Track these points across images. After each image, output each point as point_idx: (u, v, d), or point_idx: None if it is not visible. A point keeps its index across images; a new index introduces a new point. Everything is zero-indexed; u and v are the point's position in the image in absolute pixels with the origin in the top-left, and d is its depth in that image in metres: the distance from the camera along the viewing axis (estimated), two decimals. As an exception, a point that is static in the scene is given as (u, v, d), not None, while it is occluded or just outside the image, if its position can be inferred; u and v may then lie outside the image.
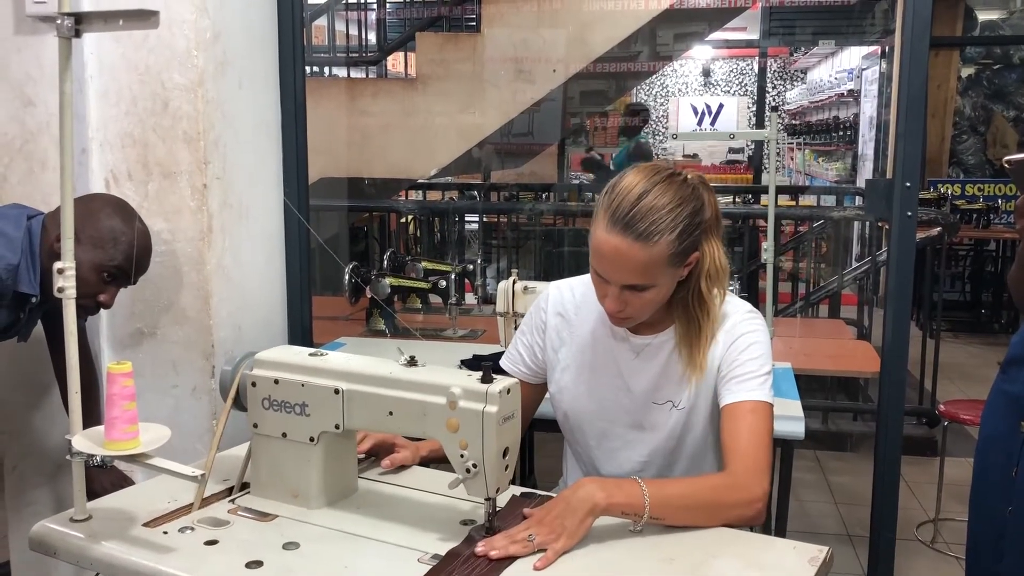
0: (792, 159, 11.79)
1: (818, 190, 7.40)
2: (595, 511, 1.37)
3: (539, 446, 3.46)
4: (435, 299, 3.47)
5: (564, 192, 6.71)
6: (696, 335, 1.61)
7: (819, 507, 3.76)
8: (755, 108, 9.19)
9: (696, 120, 12.81)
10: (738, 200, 7.20)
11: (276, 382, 1.50)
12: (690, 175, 1.57)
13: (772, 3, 6.39)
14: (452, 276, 3.35)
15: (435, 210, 6.13)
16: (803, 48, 10.49)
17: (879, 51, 7.60)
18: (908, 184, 2.19)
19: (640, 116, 7.11)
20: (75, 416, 1.46)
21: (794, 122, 11.71)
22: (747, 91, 12.62)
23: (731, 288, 1.69)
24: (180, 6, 2.06)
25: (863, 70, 8.55)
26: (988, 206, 6.89)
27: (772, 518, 2.26)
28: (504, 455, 1.37)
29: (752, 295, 4.61)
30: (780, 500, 2.34)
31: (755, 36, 8.19)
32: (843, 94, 9.17)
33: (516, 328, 2.14)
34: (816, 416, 4.39)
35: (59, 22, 1.38)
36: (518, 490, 1.56)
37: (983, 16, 8.24)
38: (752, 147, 9.93)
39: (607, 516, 1.39)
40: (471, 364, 2.61)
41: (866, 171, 8.23)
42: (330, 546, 1.39)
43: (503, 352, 1.86)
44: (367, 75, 6.17)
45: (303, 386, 1.48)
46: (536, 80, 4.92)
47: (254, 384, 1.52)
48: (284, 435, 1.50)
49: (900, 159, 2.20)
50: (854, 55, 8.84)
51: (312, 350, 1.57)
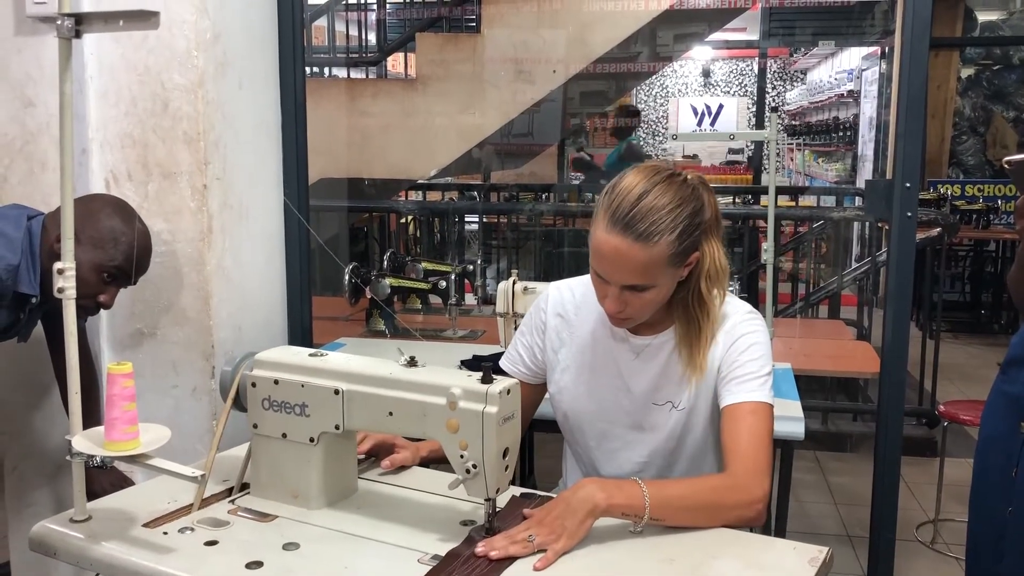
0: (792, 160, 11.79)
1: (818, 191, 7.39)
2: (595, 512, 1.37)
3: (539, 446, 3.46)
4: (435, 300, 3.47)
5: (564, 192, 6.71)
6: (696, 336, 1.61)
7: (819, 508, 3.76)
8: (755, 109, 9.18)
9: (696, 121, 12.81)
10: (738, 201, 7.19)
11: (276, 383, 1.50)
12: (690, 175, 1.57)
13: (772, 4, 6.39)
14: (452, 277, 3.35)
15: (435, 210, 6.13)
16: (803, 49, 10.48)
17: (879, 52, 7.60)
18: (908, 185, 2.19)
19: (632, 118, 7.11)
20: (75, 417, 1.46)
21: (794, 123, 11.71)
22: (747, 92, 12.62)
23: (731, 289, 1.69)
24: (180, 7, 2.06)
25: (863, 71, 8.55)
26: (988, 207, 6.90)
27: (772, 519, 2.26)
28: (504, 456, 1.37)
29: (752, 295, 4.61)
30: (780, 501, 2.34)
31: (755, 37, 8.18)
32: (843, 95, 9.17)
33: (516, 329, 2.13)
34: (816, 417, 4.39)
35: (59, 23, 1.38)
36: (518, 491, 1.56)
37: (983, 17, 8.24)
38: (752, 148, 9.93)
39: (607, 517, 1.39)
40: (471, 364, 2.62)
41: (866, 172, 8.23)
42: (330, 547, 1.39)
43: (503, 353, 1.86)
44: (367, 76, 6.17)
45: (303, 387, 1.48)
46: (536, 81, 4.92)
47: (254, 384, 1.52)
48: (284, 435, 1.51)
49: (900, 160, 2.20)
50: (854, 56, 8.84)
51: (312, 350, 1.57)
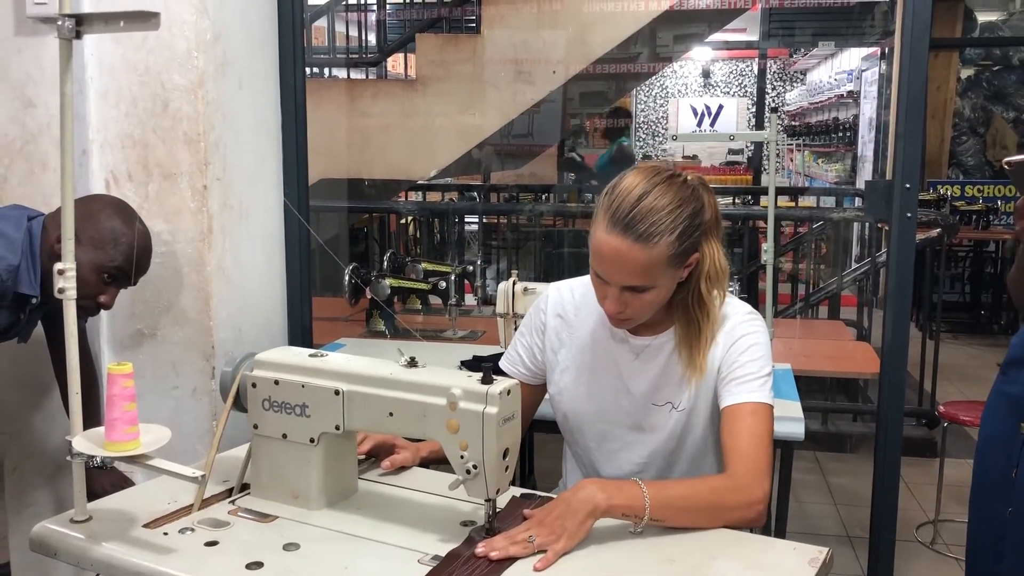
0: (792, 160, 11.80)
1: (818, 191, 7.39)
2: (595, 513, 1.37)
3: (539, 447, 3.46)
4: (435, 300, 3.47)
5: (564, 193, 6.71)
6: (696, 336, 1.61)
7: (819, 508, 3.76)
8: (755, 109, 9.19)
9: (696, 121, 12.81)
10: (738, 201, 7.20)
11: (276, 383, 1.50)
12: (690, 176, 1.57)
13: (772, 4, 6.38)
14: (452, 277, 3.35)
15: (435, 211, 6.13)
16: (803, 49, 10.48)
17: (879, 52, 7.60)
18: (908, 185, 2.19)
19: (623, 119, 7.12)
20: (75, 417, 1.46)
21: (794, 123, 11.72)
22: (747, 92, 12.62)
23: (731, 289, 1.69)
24: (180, 7, 2.06)
25: (863, 71, 8.55)
26: (988, 207, 6.90)
27: (772, 519, 2.26)
28: (504, 456, 1.37)
29: (752, 296, 4.61)
30: (780, 501, 2.34)
31: (755, 37, 8.18)
32: (843, 95, 9.17)
33: (516, 329, 2.13)
34: (816, 417, 4.39)
35: (60, 23, 1.38)
36: (518, 491, 1.56)
37: (983, 17, 8.25)
38: (752, 148, 9.93)
39: (607, 518, 1.39)
40: (471, 365, 2.62)
41: (866, 172, 8.23)
42: (330, 547, 1.39)
43: (503, 353, 1.86)
44: (367, 76, 6.17)
45: (303, 387, 1.48)
46: (536, 81, 4.91)
47: (254, 385, 1.52)
48: (284, 436, 1.51)
49: (900, 160, 2.20)
50: (854, 56, 8.84)
51: (312, 351, 1.57)
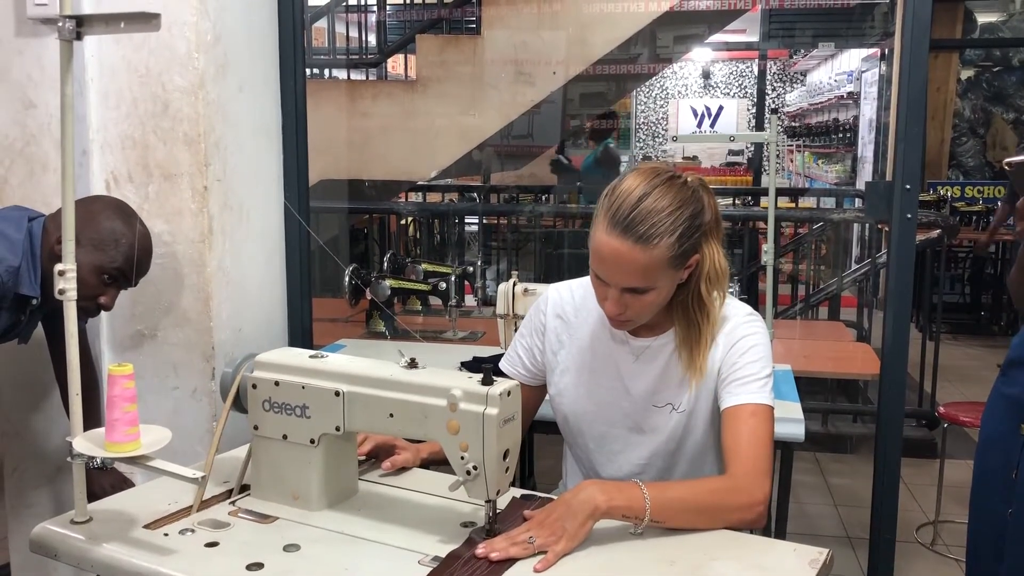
0: (792, 161, 11.80)
1: (818, 192, 7.40)
2: (596, 514, 1.37)
3: (539, 448, 3.46)
4: (435, 301, 3.47)
5: (564, 194, 6.71)
6: (696, 338, 1.61)
7: (819, 509, 3.76)
8: (755, 110, 9.20)
9: (696, 122, 12.84)
10: (738, 202, 7.20)
11: (277, 384, 1.50)
12: (690, 177, 1.56)
13: (772, 5, 6.38)
14: (452, 278, 3.35)
15: (435, 212, 6.14)
16: (803, 50, 10.49)
17: (879, 53, 7.60)
18: (908, 186, 2.19)
19: (610, 121, 7.12)
20: (76, 418, 1.46)
21: (794, 124, 11.73)
22: (747, 93, 12.64)
23: (731, 290, 1.69)
24: (180, 8, 2.06)
25: (863, 72, 8.55)
26: (988, 208, 6.90)
27: (772, 520, 2.26)
28: (504, 457, 1.37)
29: (752, 297, 4.61)
30: (780, 502, 2.34)
31: (755, 38, 8.19)
32: (843, 96, 9.18)
33: (516, 330, 2.13)
34: (816, 418, 4.39)
35: (60, 24, 1.38)
36: (518, 492, 1.56)
37: (983, 18, 8.25)
38: (752, 149, 9.94)
39: (608, 519, 1.39)
40: (471, 366, 2.62)
41: (866, 173, 8.23)
42: (331, 548, 1.39)
43: (503, 354, 1.86)
44: (367, 77, 6.17)
45: (304, 388, 1.48)
46: (536, 82, 4.91)
47: (255, 386, 1.52)
48: (285, 437, 1.51)
49: (900, 161, 2.20)
50: (854, 57, 8.84)
51: (312, 352, 1.57)
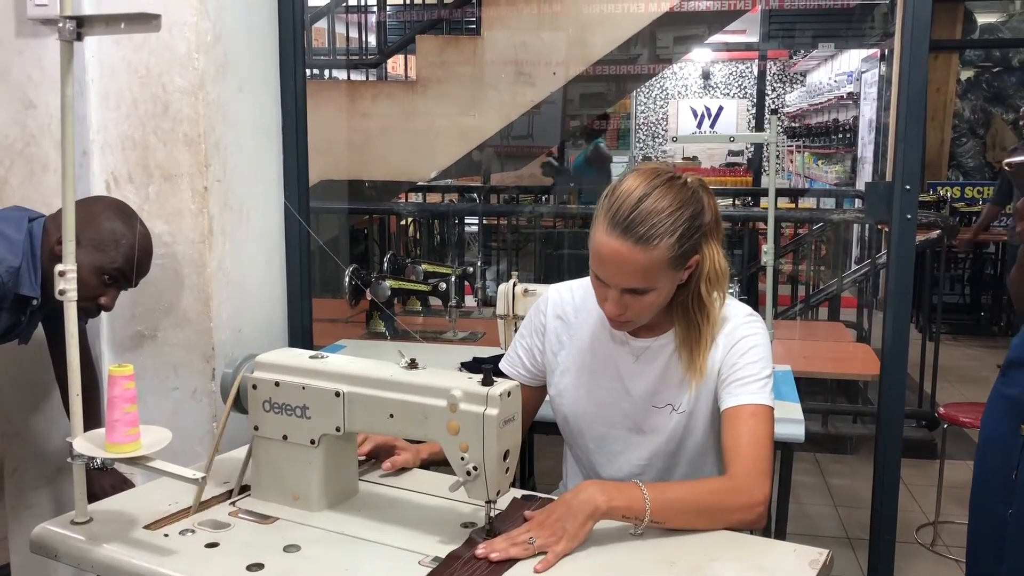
0: (792, 162, 11.80)
1: (818, 193, 7.39)
2: (596, 514, 1.37)
3: (539, 448, 3.46)
4: (435, 301, 3.47)
5: (564, 194, 6.71)
6: (696, 338, 1.61)
7: (819, 510, 3.76)
8: (755, 111, 9.20)
9: (696, 123, 12.83)
10: (738, 203, 7.20)
11: (277, 384, 1.50)
12: (690, 178, 1.56)
13: (772, 6, 6.39)
14: (452, 278, 3.35)
15: (435, 212, 6.14)
16: (802, 51, 10.49)
17: (878, 54, 7.60)
18: (908, 187, 2.19)
19: (600, 120, 7.12)
20: (76, 418, 1.46)
21: (793, 125, 11.72)
22: (747, 94, 12.63)
23: (731, 291, 1.69)
24: (181, 9, 2.06)
25: (862, 73, 8.55)
26: (987, 209, 6.89)
27: (772, 521, 2.26)
28: (504, 458, 1.37)
29: (752, 298, 4.61)
30: (780, 503, 2.34)
31: (755, 39, 8.18)
32: (842, 97, 9.17)
33: (516, 331, 2.14)
34: (816, 419, 4.39)
35: (61, 25, 1.38)
36: (518, 493, 1.56)
37: (982, 19, 8.25)
38: (752, 150, 9.94)
39: (608, 519, 1.39)
40: (471, 366, 2.62)
41: (865, 174, 8.23)
42: (331, 548, 1.39)
43: (503, 355, 1.86)
44: (367, 78, 6.17)
45: (304, 389, 1.48)
46: (536, 83, 4.91)
47: (255, 386, 1.52)
48: (285, 437, 1.51)
49: (900, 162, 2.20)
50: (853, 58, 8.84)
51: (313, 352, 1.57)
